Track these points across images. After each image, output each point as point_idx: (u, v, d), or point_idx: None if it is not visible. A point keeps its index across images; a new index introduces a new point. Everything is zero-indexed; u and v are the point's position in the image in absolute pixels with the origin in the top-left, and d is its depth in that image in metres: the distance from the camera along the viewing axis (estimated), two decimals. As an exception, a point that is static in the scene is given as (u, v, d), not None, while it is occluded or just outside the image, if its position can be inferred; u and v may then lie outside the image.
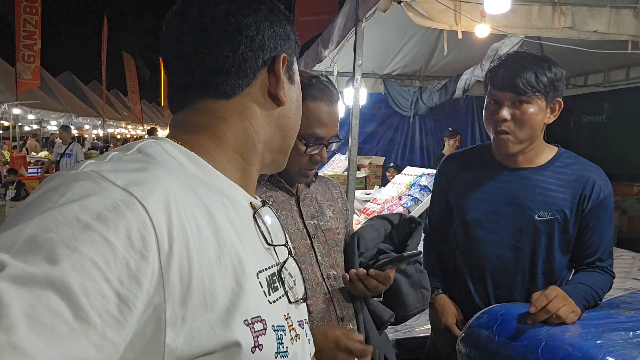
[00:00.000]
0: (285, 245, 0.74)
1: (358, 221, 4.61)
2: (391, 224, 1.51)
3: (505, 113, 1.47)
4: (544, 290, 1.36)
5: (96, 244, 0.48)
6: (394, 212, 4.18)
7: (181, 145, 0.65)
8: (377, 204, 4.65)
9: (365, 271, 1.23)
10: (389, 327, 1.48)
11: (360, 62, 4.04)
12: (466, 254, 1.65)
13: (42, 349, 0.42)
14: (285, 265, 0.72)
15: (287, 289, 0.71)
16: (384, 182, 7.22)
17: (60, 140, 9.47)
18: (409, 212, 4.04)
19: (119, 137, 22.81)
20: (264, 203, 0.72)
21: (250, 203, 0.70)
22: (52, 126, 18.13)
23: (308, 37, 8.05)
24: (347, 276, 1.26)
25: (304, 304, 0.78)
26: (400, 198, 4.35)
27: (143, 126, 25.79)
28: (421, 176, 4.44)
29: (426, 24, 3.89)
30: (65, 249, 0.46)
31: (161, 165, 0.59)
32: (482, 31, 3.73)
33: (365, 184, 6.90)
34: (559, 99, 1.51)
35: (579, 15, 3.98)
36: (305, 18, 7.78)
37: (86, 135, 22.54)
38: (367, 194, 5.65)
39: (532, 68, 1.45)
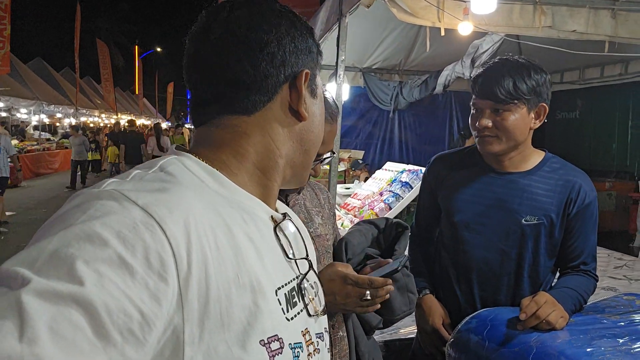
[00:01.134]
0: (306, 258, 0.74)
1: (339, 216, 4.61)
2: (378, 229, 1.51)
3: (486, 121, 1.49)
4: (533, 296, 1.37)
5: (114, 264, 0.49)
6: (375, 208, 4.18)
7: (202, 161, 0.66)
8: (358, 200, 4.65)
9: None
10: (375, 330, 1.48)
11: (343, 57, 4.01)
12: (453, 254, 1.66)
13: None
14: (306, 277, 0.72)
15: (307, 302, 0.71)
16: (354, 179, 7.22)
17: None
18: (390, 209, 4.05)
19: (92, 125, 22.27)
20: (284, 216, 0.72)
21: (272, 217, 0.70)
22: (22, 114, 17.63)
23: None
24: None
25: (325, 315, 0.77)
26: (381, 194, 4.36)
27: (117, 115, 25.29)
28: (402, 172, 4.45)
29: (409, 20, 3.88)
30: (86, 266, 0.47)
31: (182, 185, 0.60)
32: (464, 29, 3.75)
33: (344, 177, 6.90)
34: (544, 104, 1.52)
35: (558, 15, 4.03)
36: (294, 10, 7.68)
37: (58, 124, 22.02)
38: (347, 189, 5.65)
39: (511, 76, 1.46)
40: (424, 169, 4.31)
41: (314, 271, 0.76)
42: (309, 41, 0.72)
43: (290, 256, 0.70)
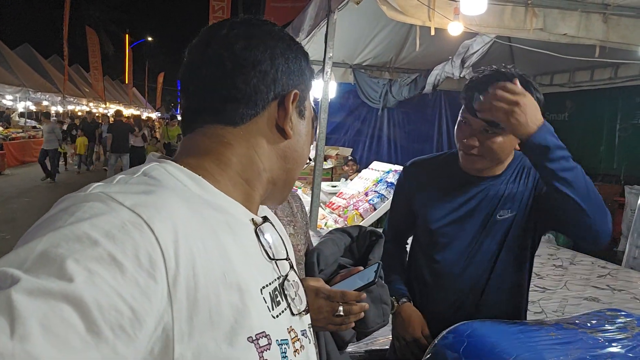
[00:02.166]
0: (286, 259, 0.76)
1: (323, 215, 4.55)
2: (351, 237, 1.45)
3: (475, 141, 1.46)
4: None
5: (104, 261, 0.49)
6: (359, 208, 4.13)
7: (185, 167, 0.68)
8: (343, 199, 4.60)
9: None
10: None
11: (330, 54, 3.95)
12: (430, 261, 1.63)
13: (55, 358, 0.43)
14: (287, 277, 0.74)
15: (290, 301, 0.73)
16: (344, 176, 7.19)
17: None
18: (375, 209, 4.00)
19: (79, 114, 21.99)
20: (264, 219, 0.74)
21: (252, 219, 0.72)
22: (8, 100, 17.34)
23: (280, 24, 7.90)
24: None
25: (307, 314, 0.79)
26: (366, 194, 4.30)
27: (105, 104, 25.04)
28: (388, 172, 4.41)
29: (399, 19, 3.83)
30: (75, 264, 0.48)
31: (166, 187, 0.62)
32: (455, 29, 3.69)
33: (331, 175, 6.85)
34: None
35: (550, 18, 4.00)
36: (277, 4, 7.63)
37: (44, 112, 21.70)
38: (333, 187, 5.60)
39: None
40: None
41: (295, 271, 0.78)
42: (302, 64, 0.76)
43: (272, 256, 0.72)
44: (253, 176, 0.73)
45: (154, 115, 35.04)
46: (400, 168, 4.38)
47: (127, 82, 32.68)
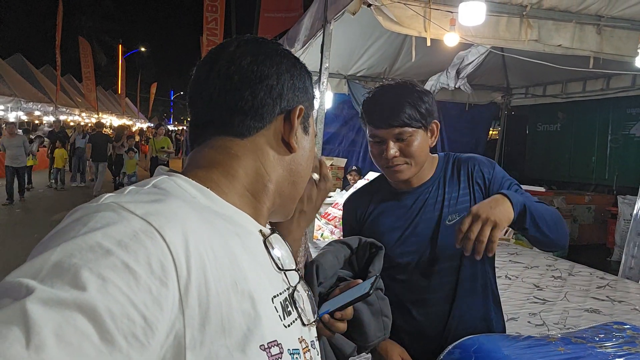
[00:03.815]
0: (295, 270, 0.76)
1: (319, 226, 4.53)
2: (350, 249, 1.42)
3: (393, 150, 1.48)
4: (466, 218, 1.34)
5: (118, 270, 0.50)
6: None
7: (193, 180, 0.68)
8: (339, 209, 4.57)
9: (329, 317, 1.13)
10: None
11: (327, 64, 3.95)
12: (395, 282, 1.61)
13: None
14: (296, 289, 0.75)
15: (300, 311, 0.73)
16: (345, 184, 7.17)
17: None
18: (372, 220, 3.97)
19: (72, 124, 21.84)
20: (272, 230, 0.75)
21: (260, 231, 0.72)
22: (-1, 111, 17.21)
23: (274, 34, 7.92)
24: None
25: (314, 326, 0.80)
26: (362, 204, 4.28)
27: (98, 114, 24.93)
28: (384, 183, 4.39)
29: (395, 29, 3.84)
30: (89, 273, 0.48)
31: (177, 198, 0.62)
32: (451, 40, 3.71)
33: (326, 185, 6.81)
34: (436, 121, 1.55)
35: (545, 29, 4.03)
36: (271, 14, 7.65)
37: (37, 121, 21.55)
38: (329, 197, 5.57)
39: (409, 102, 1.47)
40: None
41: (304, 282, 0.79)
42: (306, 82, 0.79)
43: (281, 267, 0.72)
44: (259, 189, 0.74)
45: (146, 125, 34.94)
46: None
47: (119, 92, 32.59)
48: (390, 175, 1.55)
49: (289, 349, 0.65)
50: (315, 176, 1.08)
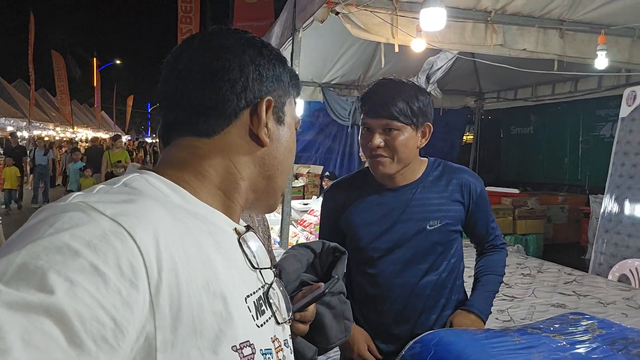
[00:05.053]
0: (270, 267, 0.75)
1: (294, 233, 4.54)
2: (314, 253, 1.44)
3: (378, 140, 1.52)
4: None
5: (87, 272, 0.49)
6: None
7: (165, 178, 0.67)
8: (314, 216, 4.60)
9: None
10: None
11: (297, 72, 3.98)
12: (366, 275, 1.65)
13: None
14: (272, 286, 0.74)
15: (275, 310, 0.73)
16: (321, 191, 7.20)
17: None
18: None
19: (46, 139, 21.48)
20: (247, 228, 0.74)
21: (235, 229, 0.71)
22: (-30, 126, 16.87)
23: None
24: None
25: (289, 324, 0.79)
26: (337, 210, 4.31)
27: (73, 128, 24.59)
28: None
29: (363, 36, 3.90)
30: (57, 275, 0.47)
31: (148, 197, 0.61)
32: (418, 46, 3.78)
33: (303, 193, 6.85)
34: (429, 124, 1.58)
35: (509, 34, 4.13)
36: (243, 23, 7.68)
37: (10, 137, 21.15)
38: (305, 204, 5.59)
39: (402, 97, 1.51)
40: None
41: (280, 280, 0.78)
42: (277, 70, 0.75)
43: (255, 265, 0.71)
44: (231, 187, 0.73)
45: (124, 138, 34.51)
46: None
47: (95, 106, 32.20)
48: (373, 166, 1.57)
49: (261, 349, 0.64)
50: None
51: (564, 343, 1.33)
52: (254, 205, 0.79)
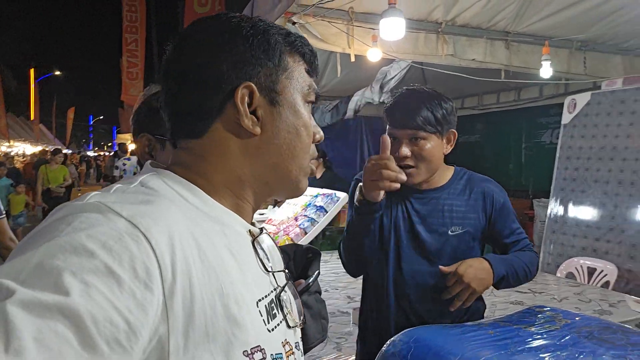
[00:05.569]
0: (283, 271, 0.75)
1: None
2: (288, 256, 1.46)
3: (405, 150, 1.55)
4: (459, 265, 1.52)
5: (101, 274, 0.48)
6: (290, 233, 4.14)
7: (182, 178, 0.67)
8: (273, 225, 4.58)
9: None
10: None
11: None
12: (387, 273, 1.69)
13: None
14: (284, 289, 0.73)
15: (286, 313, 0.72)
16: (276, 201, 7.17)
17: None
18: (306, 233, 4.02)
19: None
20: (261, 230, 0.73)
21: (249, 231, 0.70)
22: None
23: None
24: None
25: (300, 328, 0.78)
26: (296, 219, 4.32)
27: (9, 142, 23.45)
28: (317, 196, 4.45)
29: (320, 46, 3.95)
30: (72, 277, 0.47)
31: (164, 198, 0.61)
32: (373, 55, 3.87)
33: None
34: (453, 130, 1.63)
35: (459, 45, 4.30)
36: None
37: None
38: (261, 214, 5.55)
39: (426, 105, 1.55)
40: (338, 193, 4.33)
41: (292, 284, 0.77)
42: (255, 48, 0.68)
43: (269, 269, 0.70)
44: (235, 184, 0.70)
45: (65, 151, 33.22)
46: (328, 191, 4.45)
47: (32, 119, 30.83)
48: None
49: (272, 354, 0.64)
50: None
51: (536, 334, 1.40)
52: (272, 194, 0.75)
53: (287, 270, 0.76)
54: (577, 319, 1.50)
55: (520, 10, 4.24)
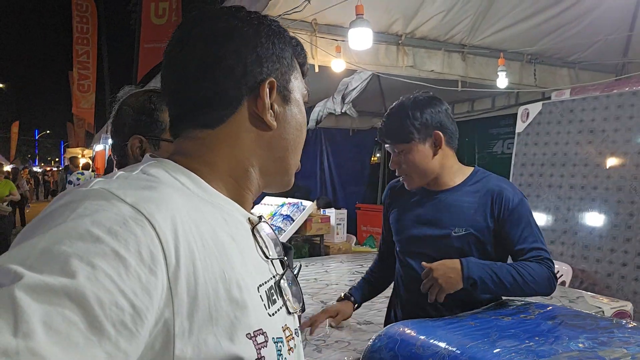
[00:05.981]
0: (282, 258, 0.77)
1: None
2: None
3: (394, 162, 1.72)
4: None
5: (108, 257, 0.49)
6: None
7: (182, 166, 0.68)
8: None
9: None
10: None
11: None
12: (402, 268, 1.83)
13: (58, 355, 0.43)
14: (283, 277, 0.75)
15: (286, 299, 0.73)
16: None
17: None
18: (274, 241, 4.02)
19: None
20: (260, 219, 0.74)
21: (249, 219, 0.72)
22: None
23: (154, 64, 7.77)
24: None
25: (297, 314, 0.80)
26: (263, 227, 4.32)
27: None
28: (282, 205, 4.47)
29: (285, 57, 4.00)
30: (79, 261, 0.47)
31: (166, 184, 0.62)
32: (337, 66, 3.94)
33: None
34: (436, 131, 1.66)
35: (418, 56, 4.44)
36: (151, 45, 7.51)
37: None
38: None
39: (402, 119, 1.65)
40: (304, 202, 4.35)
41: (291, 271, 0.79)
42: (277, 47, 0.72)
43: (268, 256, 0.72)
44: (241, 174, 0.72)
45: (8, 167, 31.79)
46: (293, 200, 4.48)
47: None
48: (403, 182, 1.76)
49: (273, 338, 0.65)
50: None
51: (513, 322, 1.47)
52: (267, 186, 0.78)
53: (285, 258, 0.78)
54: (548, 309, 1.59)
55: (475, 24, 4.44)
